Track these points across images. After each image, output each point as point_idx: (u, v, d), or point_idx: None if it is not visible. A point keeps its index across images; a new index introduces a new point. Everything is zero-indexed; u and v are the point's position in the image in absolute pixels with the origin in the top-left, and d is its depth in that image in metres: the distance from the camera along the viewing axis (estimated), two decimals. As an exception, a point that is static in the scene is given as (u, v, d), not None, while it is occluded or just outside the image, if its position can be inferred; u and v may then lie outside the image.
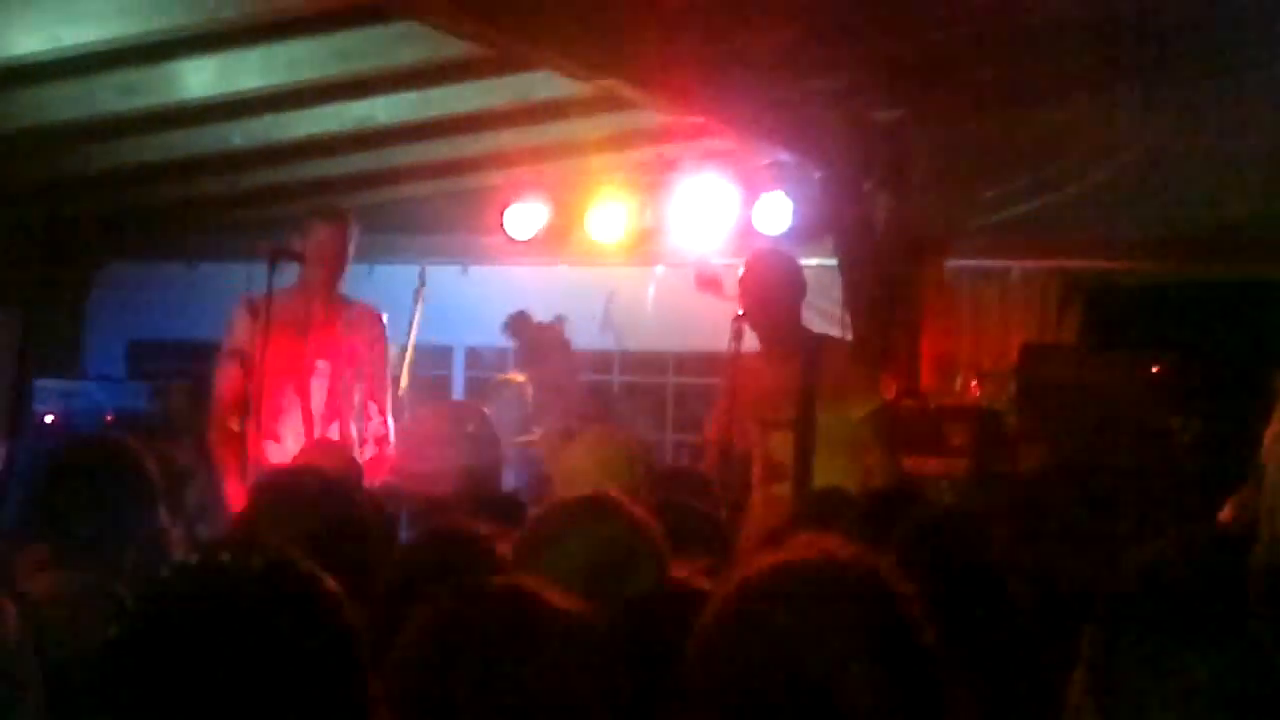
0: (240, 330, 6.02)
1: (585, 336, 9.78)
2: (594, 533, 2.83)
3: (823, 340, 6.00)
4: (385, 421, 6.18)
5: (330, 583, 1.76)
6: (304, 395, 6.07)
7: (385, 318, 6.38)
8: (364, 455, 5.98)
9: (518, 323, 8.74)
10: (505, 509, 4.27)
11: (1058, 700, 2.03)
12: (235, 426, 5.76)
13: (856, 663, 1.77)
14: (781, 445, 5.65)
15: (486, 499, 4.32)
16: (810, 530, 2.63)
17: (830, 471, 5.46)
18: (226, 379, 5.98)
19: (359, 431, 6.13)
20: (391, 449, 6.14)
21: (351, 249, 6.20)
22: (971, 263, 8.72)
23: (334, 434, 6.03)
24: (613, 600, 2.60)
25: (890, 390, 7.96)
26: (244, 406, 5.81)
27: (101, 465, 3.39)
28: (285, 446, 5.90)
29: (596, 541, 2.81)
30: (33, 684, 2.27)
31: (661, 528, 2.91)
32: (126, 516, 3.22)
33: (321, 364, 6.10)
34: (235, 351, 5.96)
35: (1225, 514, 5.35)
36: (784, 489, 5.58)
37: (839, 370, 5.75)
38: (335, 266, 6.15)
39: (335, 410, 6.09)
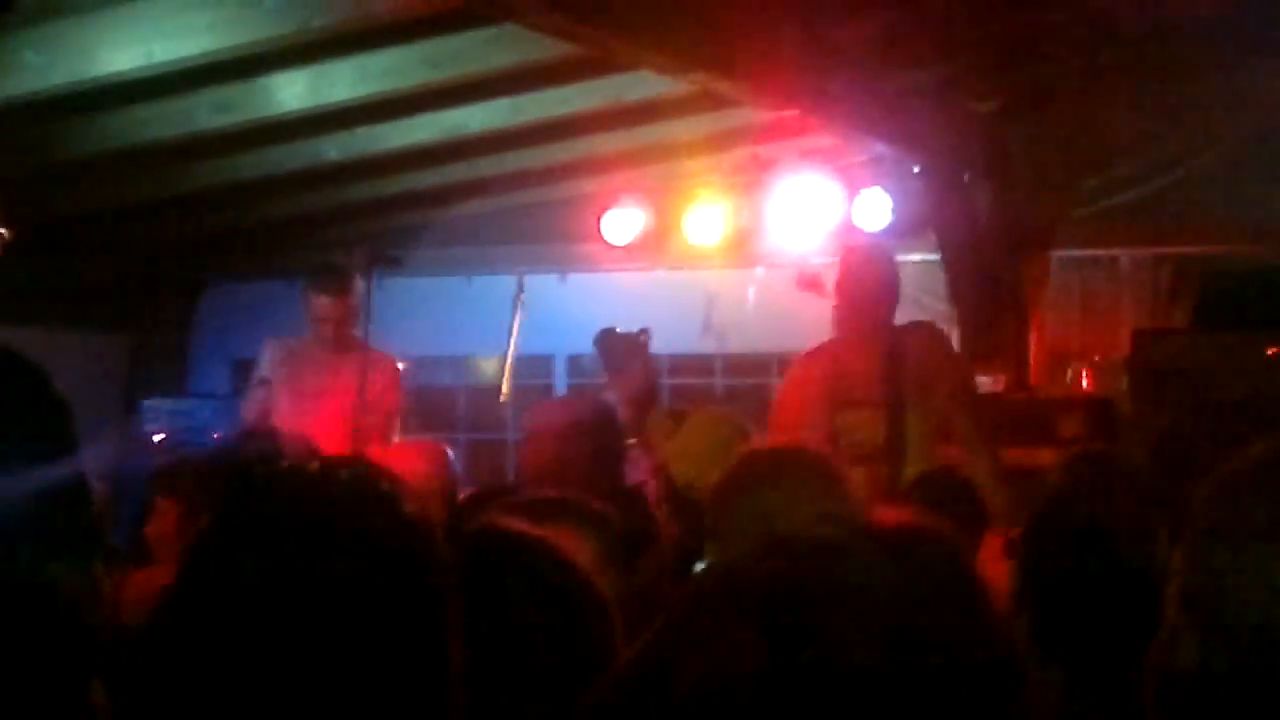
0: (266, 362, 6.64)
1: (686, 340, 9.71)
2: (793, 485, 2.77)
3: (907, 328, 5.97)
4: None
5: (416, 508, 1.71)
6: (316, 429, 6.32)
7: (402, 367, 6.80)
8: None
9: (602, 338, 8.62)
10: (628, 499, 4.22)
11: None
12: None
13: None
14: (860, 425, 5.57)
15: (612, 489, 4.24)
16: None
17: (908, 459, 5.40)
18: (250, 405, 6.57)
19: None
20: None
21: (356, 302, 6.57)
22: (1079, 252, 8.57)
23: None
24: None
25: (1000, 384, 7.85)
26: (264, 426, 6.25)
27: None
28: None
29: (793, 493, 2.74)
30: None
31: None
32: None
33: (331, 406, 6.45)
34: (262, 380, 6.56)
35: None
36: (859, 472, 5.50)
37: (923, 355, 5.69)
38: (342, 327, 6.57)
39: (339, 448, 6.30)
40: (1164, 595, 1.79)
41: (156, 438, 9.06)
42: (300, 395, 6.49)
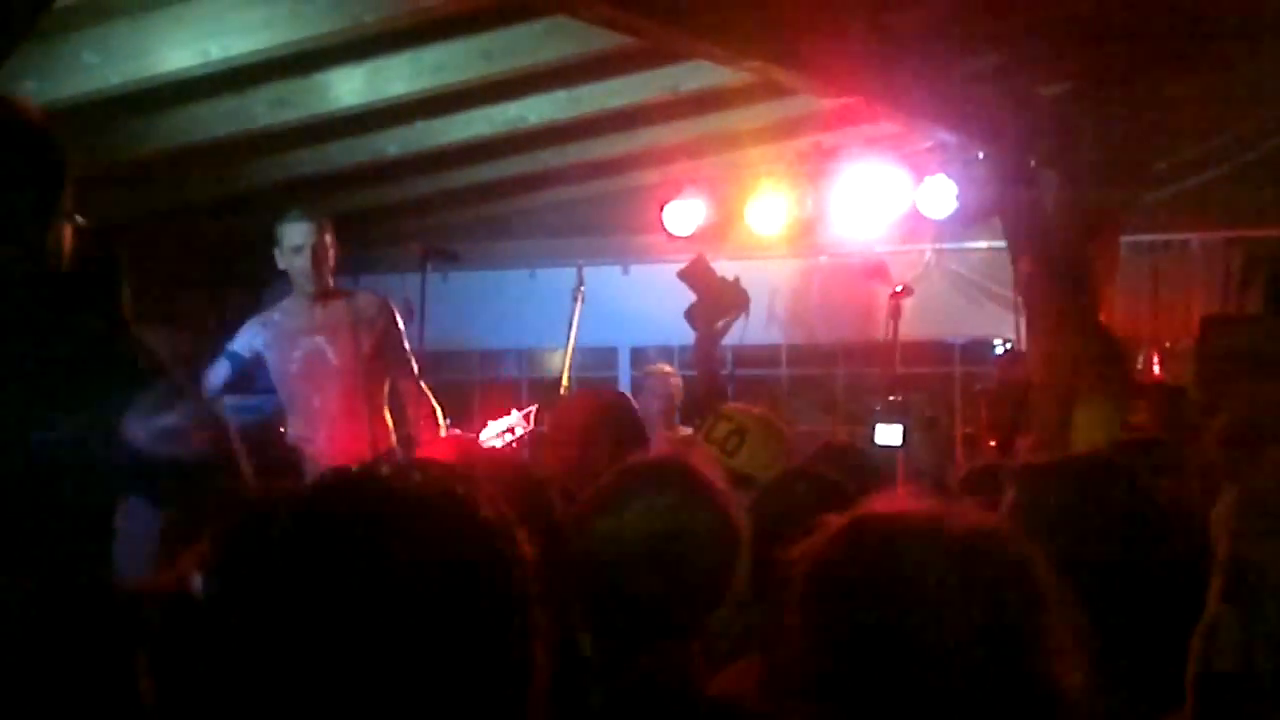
0: (241, 337, 6.41)
1: (751, 331, 9.64)
2: (656, 499, 2.68)
3: None
4: (427, 399, 6.28)
5: (493, 511, 1.64)
6: (324, 393, 6.16)
7: (390, 301, 6.40)
8: (419, 436, 6.18)
9: (697, 271, 8.02)
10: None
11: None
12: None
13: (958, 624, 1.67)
14: None
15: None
16: None
17: None
18: (212, 372, 6.31)
19: (399, 416, 6.30)
20: (442, 423, 6.26)
21: (330, 241, 6.24)
22: (1149, 237, 8.44)
23: (364, 425, 6.11)
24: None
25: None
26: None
27: None
28: (317, 445, 5.97)
29: (657, 508, 2.66)
30: None
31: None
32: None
33: (335, 360, 6.17)
34: (228, 353, 6.38)
35: None
36: None
37: None
38: (320, 264, 6.20)
39: (360, 402, 6.15)
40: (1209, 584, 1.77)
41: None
42: (298, 370, 6.24)
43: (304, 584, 1.56)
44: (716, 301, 7.34)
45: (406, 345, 6.35)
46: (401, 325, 6.38)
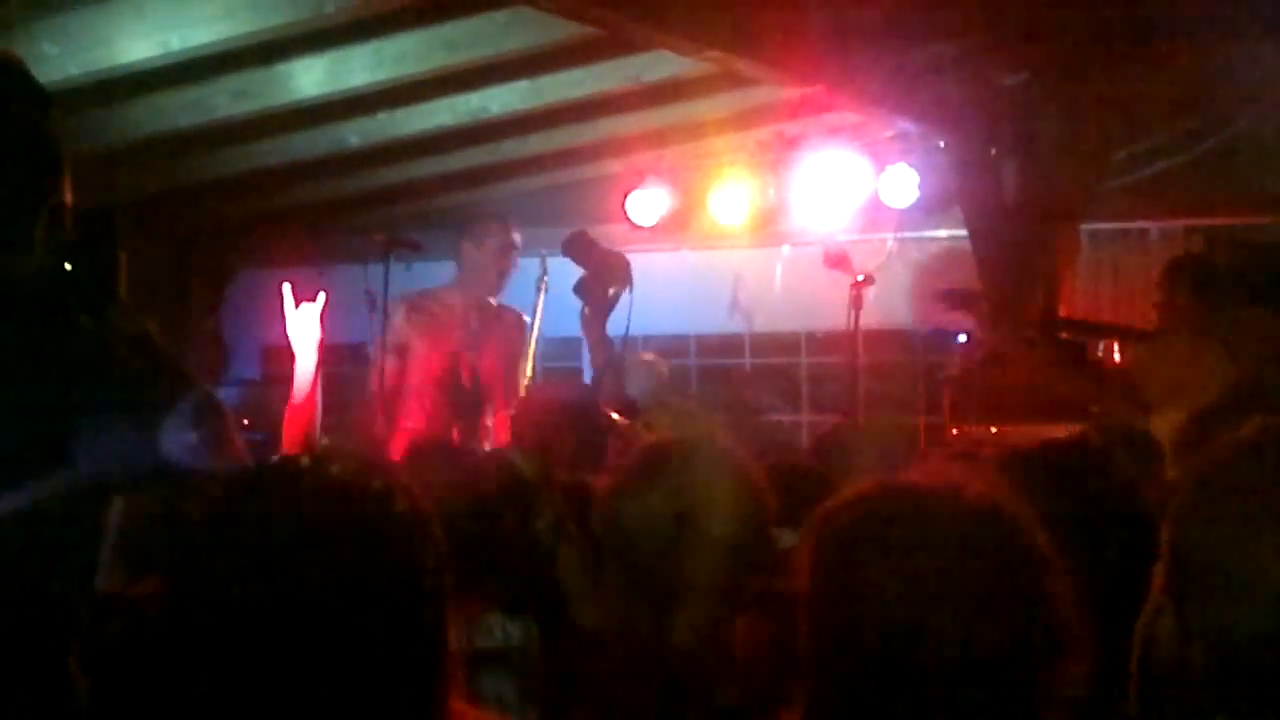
0: (398, 327, 6.40)
1: (714, 320, 9.68)
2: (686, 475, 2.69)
3: None
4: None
5: (411, 502, 1.67)
6: (446, 390, 6.23)
7: (526, 324, 6.72)
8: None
9: (580, 243, 7.93)
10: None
11: None
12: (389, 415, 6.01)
13: (960, 608, 1.69)
14: None
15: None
16: None
17: None
18: (376, 376, 6.28)
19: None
20: None
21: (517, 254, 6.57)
22: (1108, 225, 8.49)
23: (468, 435, 6.20)
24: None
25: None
26: (397, 398, 6.22)
27: None
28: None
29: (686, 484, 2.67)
30: None
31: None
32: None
33: (468, 369, 6.38)
34: (394, 346, 6.31)
35: None
36: None
37: None
38: (501, 272, 6.56)
39: (476, 413, 6.36)
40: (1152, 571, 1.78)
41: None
42: (430, 361, 6.40)
43: (215, 575, 1.60)
44: (603, 272, 7.36)
45: (521, 372, 6.66)
46: (527, 350, 6.71)
